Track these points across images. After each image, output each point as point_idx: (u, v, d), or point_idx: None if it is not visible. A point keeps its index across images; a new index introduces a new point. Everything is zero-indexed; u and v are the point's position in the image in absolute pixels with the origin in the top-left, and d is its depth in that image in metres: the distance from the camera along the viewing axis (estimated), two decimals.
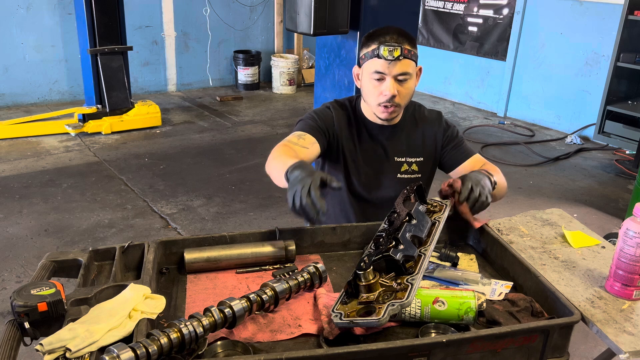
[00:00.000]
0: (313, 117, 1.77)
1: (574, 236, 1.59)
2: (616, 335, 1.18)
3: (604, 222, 3.75)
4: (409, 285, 1.18)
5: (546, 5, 5.60)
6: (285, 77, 6.77)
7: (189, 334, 1.04)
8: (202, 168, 4.43)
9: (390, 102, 1.66)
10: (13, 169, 4.23)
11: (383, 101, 1.67)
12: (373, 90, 1.68)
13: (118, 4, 4.84)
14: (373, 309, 1.14)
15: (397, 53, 1.61)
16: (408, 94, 1.70)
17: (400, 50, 1.61)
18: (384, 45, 1.61)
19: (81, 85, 5.62)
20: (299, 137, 1.70)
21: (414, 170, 1.83)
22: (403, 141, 1.82)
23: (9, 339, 1.03)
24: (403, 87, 1.66)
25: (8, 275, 2.91)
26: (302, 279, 1.28)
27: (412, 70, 1.66)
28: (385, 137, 1.81)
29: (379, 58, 1.62)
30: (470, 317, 1.18)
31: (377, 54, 1.62)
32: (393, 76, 1.63)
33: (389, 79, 1.64)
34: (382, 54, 1.61)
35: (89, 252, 1.33)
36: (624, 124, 5.00)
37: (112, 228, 3.43)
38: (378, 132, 1.80)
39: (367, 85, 1.70)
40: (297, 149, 1.64)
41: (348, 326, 1.13)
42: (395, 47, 1.60)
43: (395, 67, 1.62)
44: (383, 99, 1.66)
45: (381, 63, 1.62)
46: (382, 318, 1.09)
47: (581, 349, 2.45)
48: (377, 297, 1.18)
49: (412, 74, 1.66)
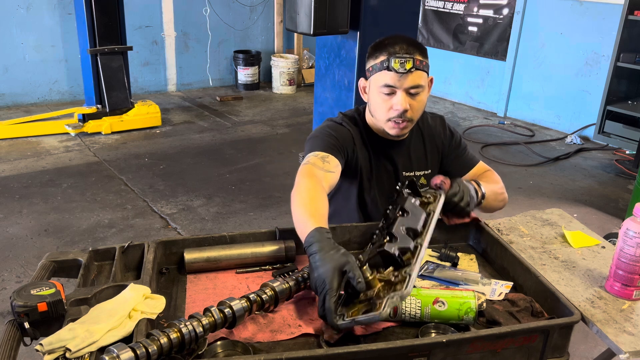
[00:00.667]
0: (332, 134, 1.63)
1: (574, 236, 1.59)
2: (616, 335, 1.18)
3: (604, 222, 3.75)
4: (407, 276, 1.18)
5: (546, 5, 5.60)
6: (285, 77, 6.77)
7: (189, 334, 1.04)
8: (202, 168, 4.43)
9: (401, 118, 1.57)
10: (13, 169, 4.23)
11: (394, 116, 1.57)
12: (383, 104, 1.57)
13: (118, 4, 4.84)
14: (374, 304, 1.14)
15: (410, 65, 1.51)
16: (420, 107, 1.60)
17: (413, 61, 1.51)
18: (395, 57, 1.51)
19: (81, 85, 5.62)
20: (323, 160, 1.54)
21: (423, 184, 1.76)
22: (410, 155, 1.75)
23: (9, 339, 1.03)
24: (415, 101, 1.56)
25: (8, 275, 2.91)
26: (302, 279, 1.28)
27: (424, 82, 1.57)
28: (394, 152, 1.72)
29: (389, 70, 1.52)
30: (471, 317, 1.18)
31: (386, 66, 1.52)
32: (404, 89, 1.54)
33: (400, 92, 1.54)
34: (392, 67, 1.51)
35: (89, 252, 1.33)
36: (624, 124, 5.00)
37: (112, 228, 3.43)
38: (386, 147, 1.72)
39: (375, 99, 1.60)
40: (322, 175, 1.48)
41: (351, 325, 1.13)
42: (407, 59, 1.51)
43: (407, 80, 1.53)
44: (394, 113, 1.56)
45: (391, 76, 1.53)
46: (383, 311, 1.09)
47: (581, 349, 2.45)
48: (377, 292, 1.18)
49: (424, 86, 1.57)
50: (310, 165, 1.50)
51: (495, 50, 6.11)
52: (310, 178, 1.45)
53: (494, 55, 6.14)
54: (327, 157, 1.55)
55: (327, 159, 1.55)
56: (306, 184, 1.42)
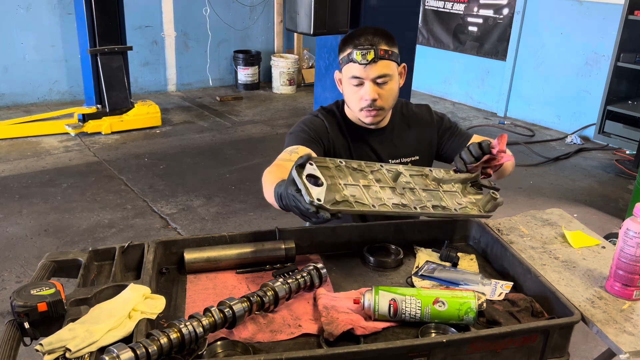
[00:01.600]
0: (303, 129, 1.68)
1: (574, 236, 1.59)
2: (616, 335, 1.17)
3: (604, 222, 3.75)
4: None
5: (546, 5, 5.60)
6: (285, 77, 6.77)
7: (189, 334, 1.04)
8: (202, 168, 4.43)
9: (372, 107, 1.61)
10: (13, 169, 4.23)
11: (365, 106, 1.62)
12: (353, 95, 1.63)
13: (118, 4, 4.84)
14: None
15: (371, 56, 1.54)
16: (390, 96, 1.64)
17: (375, 52, 1.54)
18: (357, 49, 1.54)
19: (81, 85, 5.62)
20: (291, 152, 1.58)
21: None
22: (395, 143, 1.78)
23: (9, 339, 1.03)
24: (384, 90, 1.61)
25: (8, 275, 2.91)
26: (302, 279, 1.28)
27: (391, 71, 1.60)
28: (375, 140, 1.76)
29: (353, 62, 1.56)
30: (471, 317, 1.18)
31: (351, 58, 1.56)
32: (371, 79, 1.58)
33: (367, 82, 1.58)
34: (355, 58, 1.55)
35: (89, 252, 1.33)
36: (624, 124, 5.00)
37: (112, 228, 3.43)
38: (368, 136, 1.75)
39: (347, 91, 1.65)
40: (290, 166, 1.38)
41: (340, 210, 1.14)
42: (369, 50, 1.54)
43: (372, 70, 1.56)
44: (364, 103, 1.61)
45: (357, 67, 1.57)
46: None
47: (581, 349, 2.45)
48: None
49: (392, 74, 1.60)
50: (277, 161, 1.53)
51: (495, 50, 6.11)
52: (275, 167, 1.47)
53: (494, 55, 6.14)
54: (295, 148, 1.59)
55: (295, 151, 1.57)
56: (270, 173, 1.43)
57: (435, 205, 1.31)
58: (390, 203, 1.23)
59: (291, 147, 1.61)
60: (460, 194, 1.41)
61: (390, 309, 1.18)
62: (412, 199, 1.30)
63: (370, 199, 1.21)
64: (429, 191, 1.36)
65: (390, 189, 1.30)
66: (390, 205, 1.23)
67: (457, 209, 1.34)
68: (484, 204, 1.39)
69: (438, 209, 1.31)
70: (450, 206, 1.34)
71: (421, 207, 1.28)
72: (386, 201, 1.23)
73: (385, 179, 1.32)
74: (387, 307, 1.18)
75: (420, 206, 1.28)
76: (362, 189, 1.24)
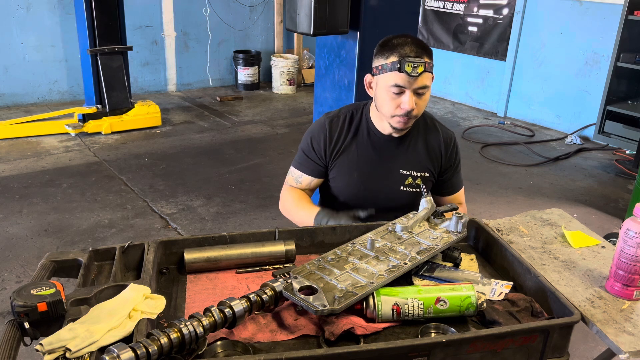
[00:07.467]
0: (302, 154, 1.84)
1: (574, 236, 1.59)
2: (616, 335, 1.18)
3: (604, 222, 3.75)
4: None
5: (546, 5, 5.60)
6: (285, 77, 6.77)
7: (189, 334, 1.04)
8: (202, 168, 4.43)
9: (408, 115, 1.65)
10: (13, 169, 4.23)
11: (401, 113, 1.65)
12: (390, 102, 1.64)
13: (118, 4, 4.84)
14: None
15: (421, 69, 1.58)
16: (424, 105, 1.69)
17: (424, 66, 1.58)
18: (407, 61, 1.56)
19: (81, 85, 5.62)
20: (296, 181, 1.86)
21: (418, 184, 1.81)
22: (410, 154, 1.80)
23: (9, 339, 1.03)
24: (421, 100, 1.65)
25: (8, 275, 2.91)
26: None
27: (429, 82, 1.64)
28: (392, 148, 1.79)
29: (400, 72, 1.58)
30: (471, 311, 1.22)
31: (398, 67, 1.58)
32: (413, 89, 1.61)
33: (408, 92, 1.61)
34: (405, 69, 1.57)
35: (89, 252, 1.33)
36: (624, 124, 5.00)
37: (112, 228, 3.43)
38: (385, 143, 1.78)
39: (383, 97, 1.66)
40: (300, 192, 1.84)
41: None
42: (419, 64, 1.57)
43: (417, 82, 1.60)
44: (401, 112, 1.64)
45: (403, 77, 1.58)
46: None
47: (581, 349, 2.45)
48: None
49: (429, 86, 1.65)
50: (290, 186, 1.90)
51: (495, 50, 6.11)
52: (292, 191, 1.86)
53: (494, 55, 6.14)
54: (300, 177, 1.86)
55: (299, 180, 1.86)
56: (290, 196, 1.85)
57: (418, 252, 1.37)
58: (383, 271, 1.27)
59: (297, 174, 1.86)
60: (429, 229, 1.49)
61: (394, 313, 1.19)
62: (397, 257, 1.34)
63: (364, 279, 1.24)
64: (405, 242, 1.42)
65: (374, 259, 1.33)
66: (385, 273, 1.26)
67: (437, 244, 1.41)
68: (454, 227, 1.48)
69: (424, 253, 1.37)
70: (430, 245, 1.41)
71: (409, 259, 1.33)
72: (378, 272, 1.27)
73: (364, 253, 1.35)
74: (391, 312, 1.19)
75: (408, 259, 1.33)
76: (352, 274, 1.26)
